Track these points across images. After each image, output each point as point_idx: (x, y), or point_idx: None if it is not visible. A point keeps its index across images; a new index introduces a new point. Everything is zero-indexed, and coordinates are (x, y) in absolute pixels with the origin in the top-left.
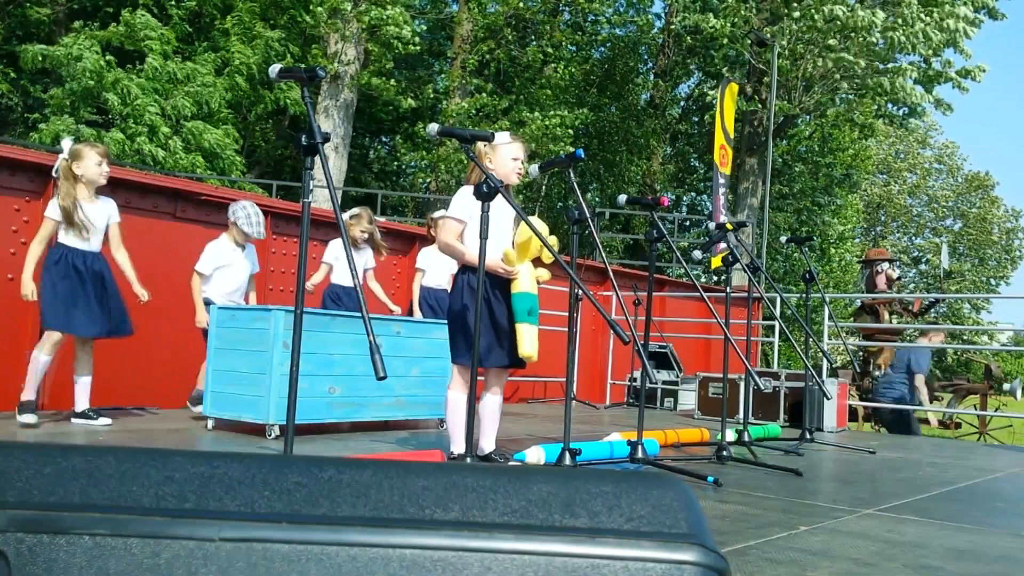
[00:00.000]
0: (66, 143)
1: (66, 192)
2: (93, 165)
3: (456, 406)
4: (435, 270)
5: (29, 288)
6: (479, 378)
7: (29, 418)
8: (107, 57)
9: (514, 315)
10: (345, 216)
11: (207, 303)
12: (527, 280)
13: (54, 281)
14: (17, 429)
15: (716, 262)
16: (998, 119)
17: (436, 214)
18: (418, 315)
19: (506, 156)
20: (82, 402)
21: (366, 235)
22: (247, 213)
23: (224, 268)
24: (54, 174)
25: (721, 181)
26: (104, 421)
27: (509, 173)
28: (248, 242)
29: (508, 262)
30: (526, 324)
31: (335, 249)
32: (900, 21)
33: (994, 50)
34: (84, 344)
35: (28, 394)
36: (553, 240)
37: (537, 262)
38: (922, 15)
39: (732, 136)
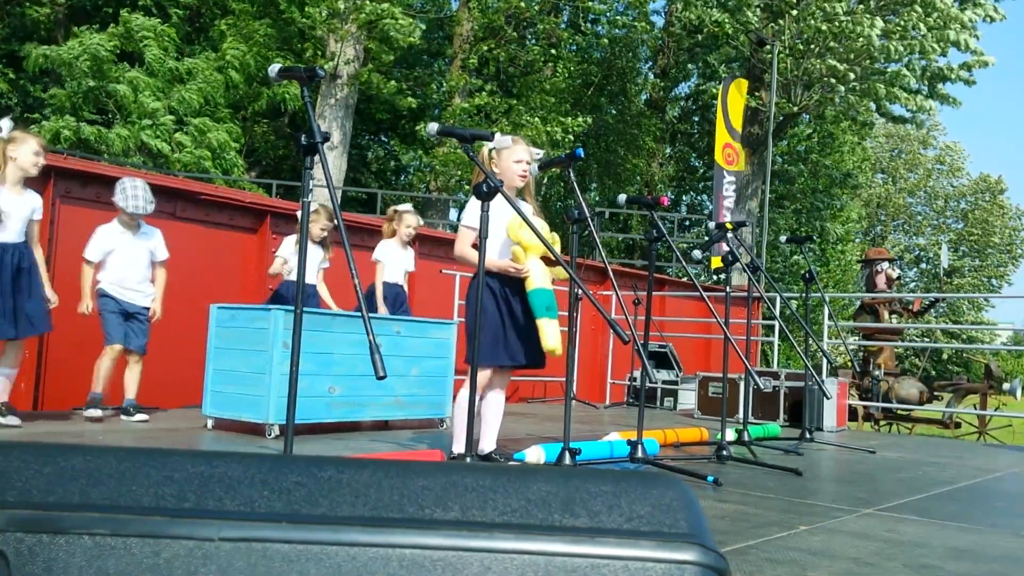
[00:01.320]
0: (6, 123)
1: None
2: (30, 153)
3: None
4: (392, 265)
5: None
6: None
7: (12, 420)
8: (113, 43)
9: (533, 311)
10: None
11: (102, 294)
12: (541, 276)
13: None
14: (18, 429)
15: (716, 262)
16: (1006, 120)
17: (401, 207)
18: (383, 310)
19: (508, 160)
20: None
21: (324, 233)
22: (123, 188)
23: (113, 253)
24: None
25: (730, 179)
26: (13, 420)
27: (513, 176)
28: (138, 221)
29: (517, 260)
30: (546, 319)
31: (290, 245)
32: (899, 28)
33: (1001, 51)
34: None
35: None
36: (555, 238)
37: (548, 261)
38: (920, 24)
39: (740, 132)
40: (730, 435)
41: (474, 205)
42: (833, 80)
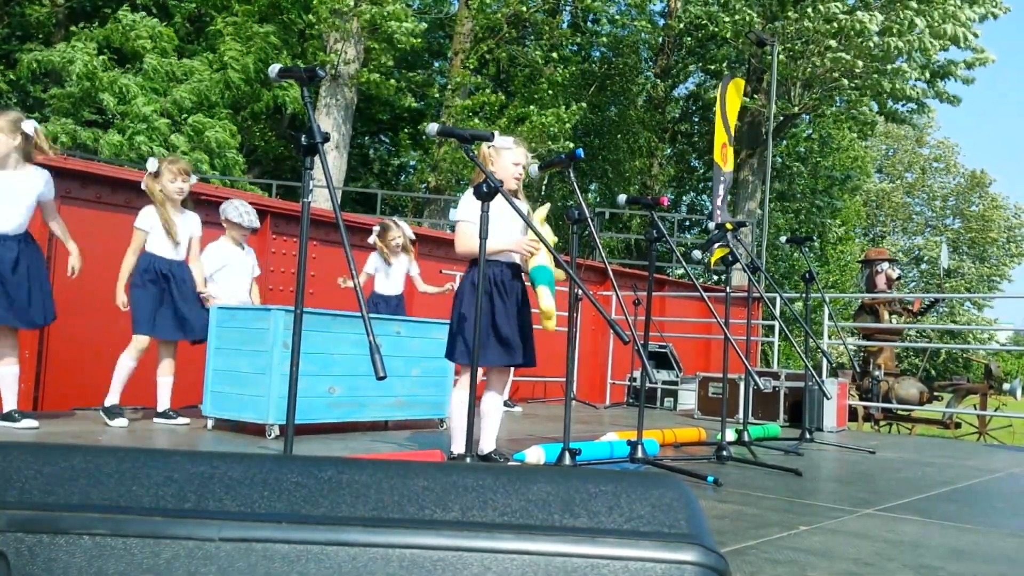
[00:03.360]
0: (152, 161)
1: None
2: (167, 183)
3: (463, 407)
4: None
5: (122, 299)
6: (482, 378)
7: (121, 422)
8: (100, 57)
9: (533, 281)
10: (374, 237)
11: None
12: (544, 256)
13: (144, 286)
14: (18, 429)
15: (718, 254)
16: (1002, 116)
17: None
18: None
19: (508, 161)
20: (163, 402)
21: (402, 240)
22: (234, 206)
23: (227, 268)
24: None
25: (722, 179)
26: (183, 420)
27: (509, 177)
28: (245, 241)
29: (533, 243)
30: (544, 287)
31: (374, 261)
32: (897, 26)
33: (998, 47)
34: (167, 346)
35: (113, 397)
36: (549, 231)
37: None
38: (918, 20)
39: (733, 133)
40: (730, 435)
41: (468, 199)
42: (836, 74)
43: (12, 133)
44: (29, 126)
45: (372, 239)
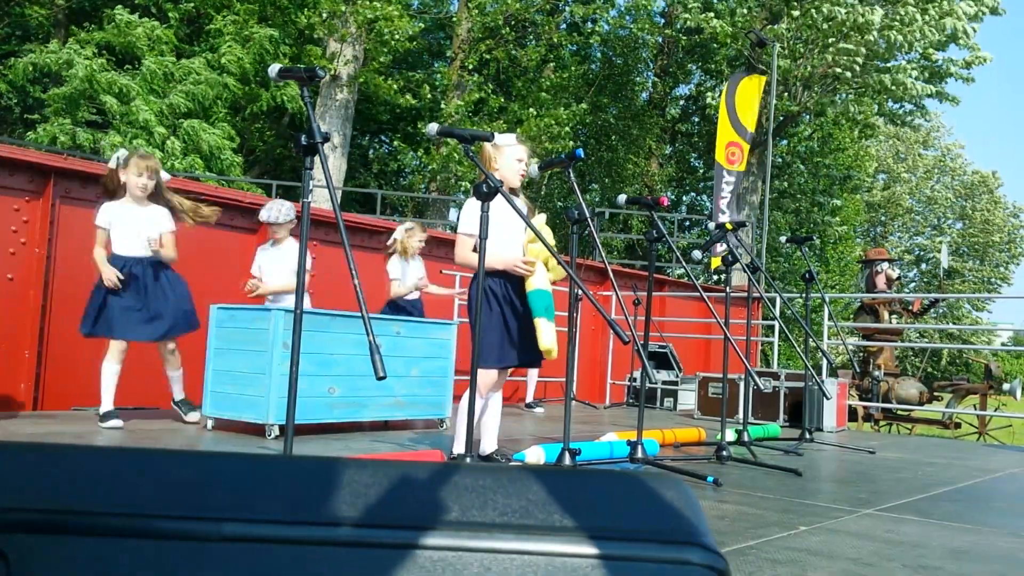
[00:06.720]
0: (121, 152)
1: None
2: (133, 176)
3: (478, 409)
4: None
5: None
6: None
7: (115, 423)
8: (99, 60)
9: (531, 311)
10: (400, 232)
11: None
12: (541, 277)
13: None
14: (18, 429)
15: (716, 262)
16: (1003, 117)
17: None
18: None
19: (511, 157)
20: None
21: (422, 245)
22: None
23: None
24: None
25: (729, 179)
26: (194, 416)
27: (513, 174)
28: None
29: (530, 261)
30: (543, 319)
31: (396, 265)
32: (898, 19)
33: (999, 47)
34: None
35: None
36: (549, 233)
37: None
38: (918, 15)
39: (751, 131)
40: (730, 435)
41: (470, 210)
42: (838, 69)
43: None
44: None
45: (399, 238)
